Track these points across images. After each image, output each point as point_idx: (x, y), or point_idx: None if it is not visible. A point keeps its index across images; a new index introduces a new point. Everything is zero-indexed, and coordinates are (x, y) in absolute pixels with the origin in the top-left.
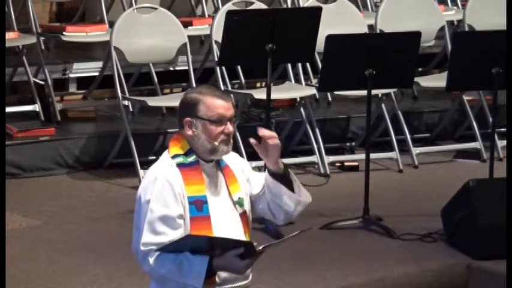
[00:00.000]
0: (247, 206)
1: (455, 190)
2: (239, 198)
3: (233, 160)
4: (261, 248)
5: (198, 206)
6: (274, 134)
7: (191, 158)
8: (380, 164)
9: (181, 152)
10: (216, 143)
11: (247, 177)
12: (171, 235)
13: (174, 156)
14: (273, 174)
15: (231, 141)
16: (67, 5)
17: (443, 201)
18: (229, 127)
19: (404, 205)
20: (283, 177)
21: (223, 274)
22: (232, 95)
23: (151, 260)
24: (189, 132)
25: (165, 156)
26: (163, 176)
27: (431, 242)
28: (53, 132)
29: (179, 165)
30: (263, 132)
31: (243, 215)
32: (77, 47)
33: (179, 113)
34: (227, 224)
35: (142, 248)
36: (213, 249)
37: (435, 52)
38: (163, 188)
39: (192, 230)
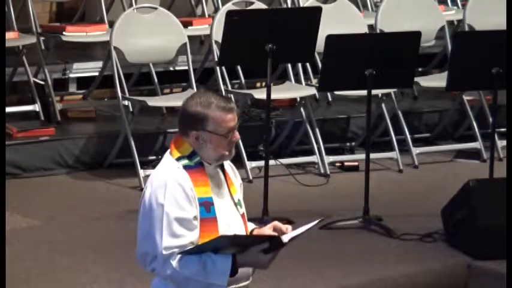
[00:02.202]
0: (244, 209)
1: (455, 190)
2: (238, 199)
3: (227, 164)
4: (287, 240)
5: (207, 207)
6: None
7: (195, 160)
8: (380, 164)
9: (184, 154)
10: (226, 152)
11: (239, 183)
12: (189, 237)
13: (179, 159)
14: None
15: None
16: (67, 5)
17: (443, 201)
18: (237, 135)
19: (404, 205)
20: None
21: None
22: (232, 95)
23: (174, 263)
24: (196, 144)
25: (169, 159)
26: (174, 178)
27: (431, 242)
28: (53, 132)
29: (185, 167)
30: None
31: (243, 216)
32: (77, 47)
33: (183, 122)
34: (232, 225)
35: (164, 252)
36: (236, 247)
37: (435, 52)
38: (175, 191)
39: (201, 232)
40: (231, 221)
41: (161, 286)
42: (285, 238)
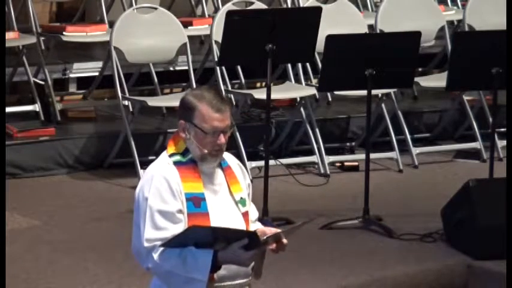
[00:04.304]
0: (248, 207)
1: (455, 190)
2: (241, 198)
3: (235, 163)
4: (265, 237)
5: (196, 202)
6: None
7: (188, 157)
8: (380, 164)
9: (178, 151)
10: (206, 151)
11: (247, 184)
12: (172, 230)
13: (172, 155)
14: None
15: (223, 149)
16: (67, 5)
17: (443, 201)
18: (222, 139)
19: (404, 205)
20: None
21: (221, 272)
22: (232, 95)
23: (155, 255)
24: (182, 135)
25: (163, 155)
26: (160, 173)
27: (431, 242)
28: (53, 132)
29: (176, 163)
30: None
31: (245, 214)
32: (77, 47)
33: (178, 110)
34: (227, 223)
35: (146, 244)
36: (217, 241)
37: (435, 52)
38: (160, 185)
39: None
40: (228, 218)
41: (159, 285)
42: (263, 236)
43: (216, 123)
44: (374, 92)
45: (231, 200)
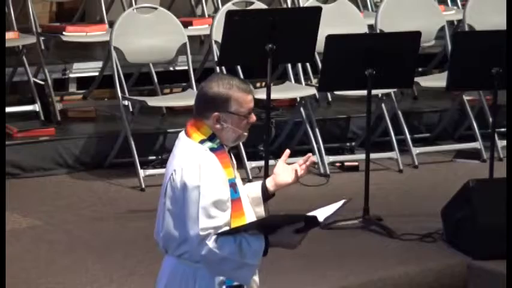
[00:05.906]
0: None
1: (455, 190)
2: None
3: None
4: (322, 220)
5: (234, 188)
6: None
7: (217, 142)
8: (380, 164)
9: (204, 137)
10: (241, 132)
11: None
12: (222, 217)
13: (202, 142)
14: (262, 191)
15: None
16: (67, 5)
17: (443, 201)
18: (253, 116)
19: (404, 205)
20: (264, 199)
21: None
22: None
23: (210, 243)
24: (217, 126)
25: (191, 142)
26: (206, 161)
27: (431, 242)
28: (53, 132)
29: (211, 149)
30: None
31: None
32: (77, 47)
33: (202, 104)
34: (248, 204)
35: (201, 233)
36: (269, 227)
37: (435, 52)
38: (210, 173)
39: (231, 212)
40: (246, 199)
41: (177, 264)
42: (321, 217)
43: (251, 104)
44: (374, 92)
45: (241, 182)
